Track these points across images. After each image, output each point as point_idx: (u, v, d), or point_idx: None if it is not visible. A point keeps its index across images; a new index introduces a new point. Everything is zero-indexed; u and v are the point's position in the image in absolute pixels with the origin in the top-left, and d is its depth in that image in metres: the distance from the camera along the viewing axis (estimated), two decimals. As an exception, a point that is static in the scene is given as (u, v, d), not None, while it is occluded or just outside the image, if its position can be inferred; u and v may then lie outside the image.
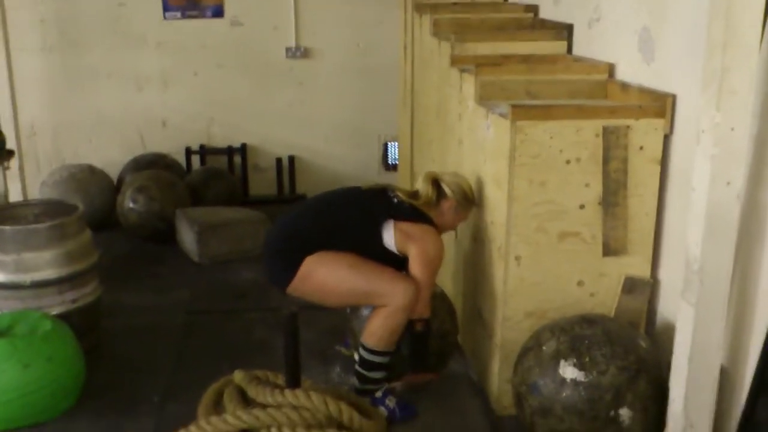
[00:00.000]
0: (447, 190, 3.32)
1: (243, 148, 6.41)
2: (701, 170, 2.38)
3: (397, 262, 3.18)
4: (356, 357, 3.28)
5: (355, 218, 3.25)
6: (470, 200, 3.38)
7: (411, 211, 3.24)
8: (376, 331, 3.13)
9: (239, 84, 6.31)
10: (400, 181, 5.80)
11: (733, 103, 2.28)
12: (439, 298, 3.38)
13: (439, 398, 3.38)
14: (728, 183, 2.35)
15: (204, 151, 6.39)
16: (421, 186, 3.34)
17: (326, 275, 3.13)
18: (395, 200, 3.28)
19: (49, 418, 3.21)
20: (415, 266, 3.15)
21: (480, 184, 3.43)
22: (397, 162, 6.34)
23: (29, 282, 3.53)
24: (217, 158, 6.40)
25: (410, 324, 3.15)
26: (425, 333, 3.19)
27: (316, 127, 6.43)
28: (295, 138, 6.43)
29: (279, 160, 6.45)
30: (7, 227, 3.57)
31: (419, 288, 3.11)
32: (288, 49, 6.26)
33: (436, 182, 3.34)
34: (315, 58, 6.32)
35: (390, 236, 3.18)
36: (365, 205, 3.29)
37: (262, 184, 6.50)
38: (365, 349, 3.17)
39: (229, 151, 6.38)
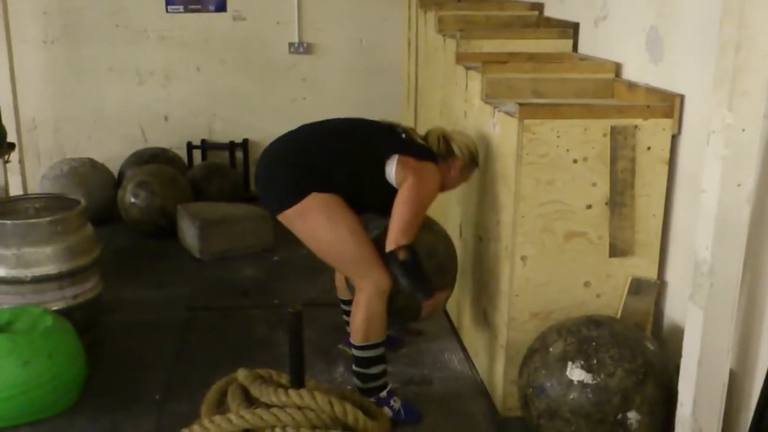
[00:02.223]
0: (456, 149, 3.24)
1: (245, 144, 6.38)
2: (711, 172, 2.35)
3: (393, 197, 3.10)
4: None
5: (364, 149, 3.16)
6: (476, 162, 3.32)
7: (419, 149, 3.17)
8: (360, 325, 3.09)
9: (241, 79, 6.27)
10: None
11: (745, 104, 2.25)
12: (440, 235, 3.31)
13: (444, 399, 3.36)
14: (739, 185, 2.32)
15: (205, 146, 6.36)
16: (432, 138, 3.26)
17: (324, 224, 3.05)
18: (404, 136, 3.22)
19: (50, 415, 3.18)
20: (404, 192, 3.01)
21: (485, 182, 3.40)
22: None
23: (30, 277, 3.51)
24: (219, 153, 6.37)
25: (392, 255, 3.00)
26: (412, 260, 3.01)
27: (318, 124, 6.39)
28: (297, 134, 6.39)
29: (281, 156, 6.41)
30: (8, 221, 3.54)
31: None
32: (291, 45, 6.23)
33: (445, 139, 3.26)
34: (318, 54, 6.29)
35: (392, 169, 3.08)
36: (375, 137, 3.21)
37: (263, 180, 6.46)
38: (356, 347, 3.14)
39: (231, 146, 6.35)
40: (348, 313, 3.61)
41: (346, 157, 3.14)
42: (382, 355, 3.17)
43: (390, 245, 2.98)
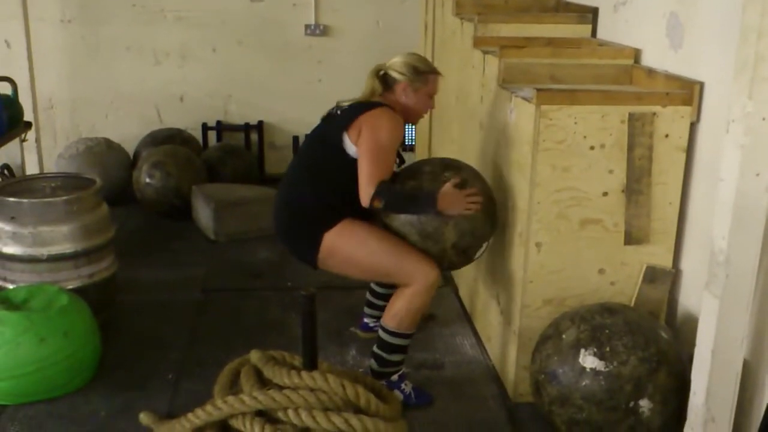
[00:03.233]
0: (393, 73, 3.16)
1: (260, 126, 6.38)
2: (730, 160, 2.33)
3: None
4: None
5: (325, 156, 3.11)
6: (423, 71, 3.18)
7: (356, 109, 3.08)
8: (398, 312, 3.07)
9: (257, 61, 6.26)
10: (417, 163, 5.75)
11: (766, 92, 2.22)
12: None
13: (455, 384, 3.37)
14: (757, 174, 2.29)
15: (221, 128, 6.36)
16: (367, 84, 3.19)
17: (352, 251, 3.06)
18: (338, 112, 3.15)
19: (65, 392, 3.22)
20: (359, 149, 2.98)
21: (500, 168, 3.39)
22: (414, 143, 6.29)
23: (46, 255, 3.53)
24: (234, 135, 6.37)
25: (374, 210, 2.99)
26: (392, 198, 2.96)
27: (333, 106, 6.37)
28: (313, 116, 6.22)
29: (296, 139, 6.41)
30: (25, 200, 3.57)
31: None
32: (307, 27, 6.21)
33: (380, 74, 3.19)
34: (334, 36, 6.27)
35: (351, 147, 3.03)
36: (323, 138, 3.15)
37: (278, 163, 6.46)
38: (386, 331, 3.12)
39: (246, 128, 6.35)
40: (373, 293, 3.61)
41: (320, 178, 3.11)
42: (406, 347, 3.17)
43: (364, 202, 2.95)
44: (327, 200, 3.08)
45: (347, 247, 3.06)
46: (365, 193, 2.94)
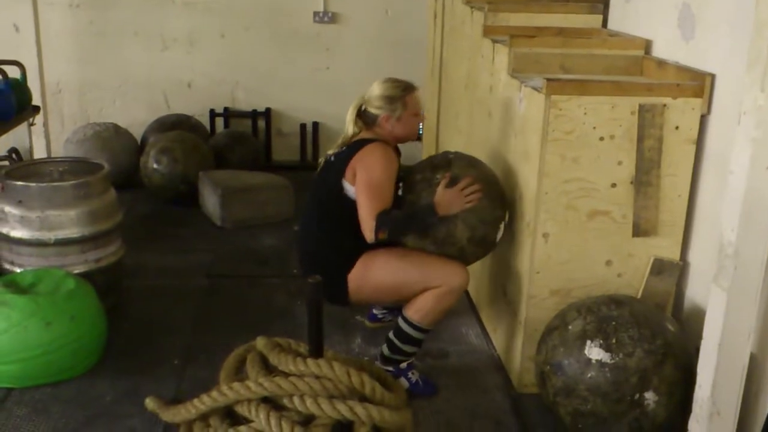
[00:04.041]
0: (371, 110, 3.14)
1: (267, 113, 6.37)
2: (741, 153, 2.31)
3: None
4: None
5: (328, 204, 3.14)
6: (398, 97, 3.13)
7: (349, 153, 3.07)
8: (424, 307, 3.05)
9: (265, 47, 6.25)
10: (424, 153, 5.74)
11: (778, 85, 2.21)
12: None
13: (460, 374, 3.37)
14: (768, 167, 2.28)
15: (228, 114, 6.36)
16: (348, 126, 3.17)
17: (380, 279, 3.07)
18: (332, 159, 3.15)
19: (71, 376, 3.23)
20: (359, 192, 2.99)
21: (509, 158, 3.38)
22: (421, 133, 6.28)
23: (53, 240, 3.54)
24: (241, 122, 6.37)
25: (380, 242, 2.98)
26: (394, 228, 2.96)
27: (341, 94, 6.31)
28: (320, 104, 6.38)
29: (303, 126, 6.41)
30: (33, 184, 3.57)
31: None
32: (316, 14, 6.19)
33: (360, 112, 3.17)
34: (343, 23, 6.25)
35: (351, 189, 3.04)
36: (323, 186, 3.17)
37: (285, 150, 6.47)
38: (407, 322, 3.11)
39: (254, 114, 6.35)
40: None
41: (330, 226, 3.12)
42: (422, 341, 3.17)
43: (369, 238, 2.96)
44: (342, 245, 3.10)
45: (373, 278, 3.07)
46: (368, 228, 2.94)
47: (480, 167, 3.19)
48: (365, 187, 2.98)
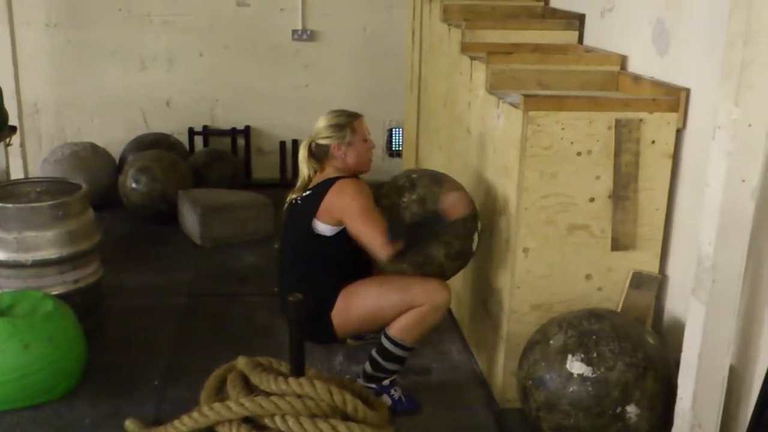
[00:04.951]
0: (321, 141, 3.16)
1: (246, 131, 6.37)
2: (716, 167, 2.35)
3: (358, 251, 3.08)
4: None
5: (301, 246, 3.16)
6: (345, 123, 3.18)
7: (316, 195, 3.09)
8: (407, 326, 3.05)
9: (244, 66, 6.25)
10: (404, 167, 5.75)
11: (752, 99, 2.25)
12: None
13: (443, 390, 3.36)
14: (743, 180, 2.31)
15: (207, 132, 6.35)
16: (302, 167, 3.21)
17: (363, 309, 3.07)
18: (299, 201, 3.18)
19: (49, 399, 3.19)
20: (346, 222, 3.02)
21: (488, 173, 3.39)
22: (401, 148, 6.30)
23: (30, 261, 3.50)
24: (220, 140, 6.36)
25: (398, 256, 2.98)
26: (407, 239, 2.97)
27: (320, 112, 6.23)
28: (300, 122, 6.34)
29: (282, 144, 6.40)
30: (10, 205, 3.54)
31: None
32: (294, 32, 6.21)
33: (311, 149, 3.19)
34: (321, 41, 6.27)
35: (323, 226, 3.07)
36: (293, 229, 3.19)
37: (264, 168, 6.46)
38: (390, 340, 3.10)
39: (233, 132, 6.34)
40: None
41: (306, 267, 3.12)
42: (405, 359, 3.16)
43: (384, 256, 2.95)
44: (321, 284, 3.10)
45: (356, 310, 3.07)
46: (380, 246, 2.94)
47: (445, 182, 3.19)
48: (359, 216, 3.00)
